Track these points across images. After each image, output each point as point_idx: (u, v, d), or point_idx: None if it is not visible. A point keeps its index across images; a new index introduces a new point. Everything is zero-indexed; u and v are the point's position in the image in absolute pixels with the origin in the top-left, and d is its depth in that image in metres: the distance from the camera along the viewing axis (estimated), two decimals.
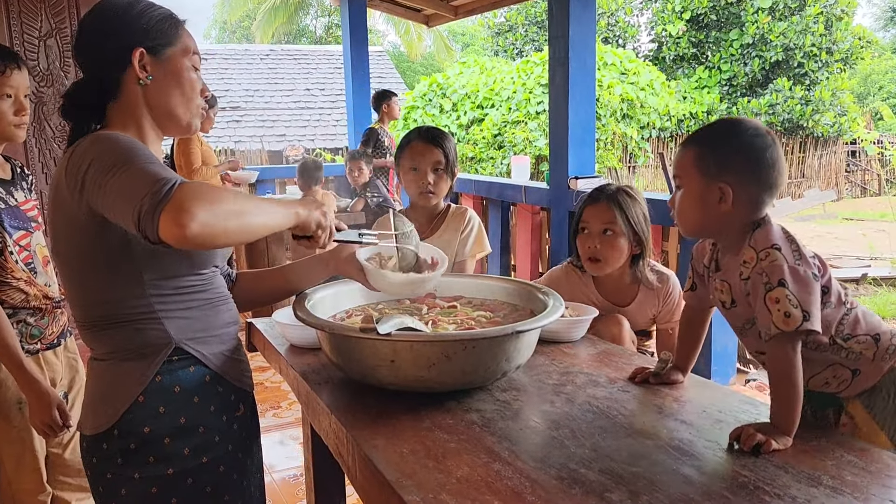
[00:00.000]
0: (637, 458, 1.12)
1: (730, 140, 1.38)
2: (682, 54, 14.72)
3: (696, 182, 1.38)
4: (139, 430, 1.25)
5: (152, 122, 1.33)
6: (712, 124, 1.46)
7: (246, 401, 1.43)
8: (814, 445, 1.16)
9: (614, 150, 12.34)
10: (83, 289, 1.28)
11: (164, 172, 1.10)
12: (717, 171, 1.36)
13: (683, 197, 1.42)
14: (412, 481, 1.06)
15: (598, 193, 2.10)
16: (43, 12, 3.20)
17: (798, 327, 1.24)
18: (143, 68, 1.28)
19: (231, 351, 1.39)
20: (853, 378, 1.45)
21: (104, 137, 1.19)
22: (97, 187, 1.13)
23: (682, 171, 1.42)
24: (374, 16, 19.80)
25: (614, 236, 2.04)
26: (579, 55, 4.27)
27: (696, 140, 1.42)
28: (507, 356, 1.36)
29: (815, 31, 13.69)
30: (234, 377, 1.39)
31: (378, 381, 1.37)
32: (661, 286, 2.11)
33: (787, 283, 1.27)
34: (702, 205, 1.39)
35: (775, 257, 1.30)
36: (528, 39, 15.67)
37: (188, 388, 1.30)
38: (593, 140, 4.52)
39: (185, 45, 1.33)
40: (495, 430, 1.23)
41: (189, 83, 1.33)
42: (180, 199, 1.04)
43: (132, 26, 1.28)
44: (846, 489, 1.01)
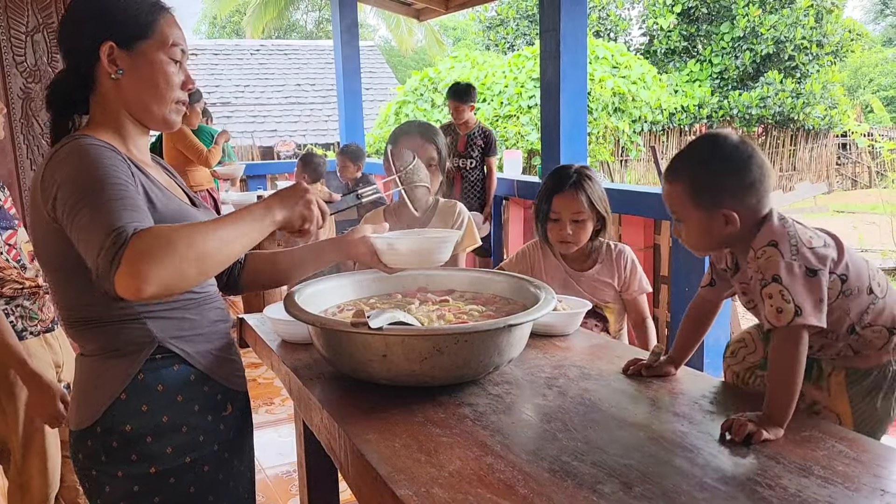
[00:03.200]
0: (629, 451, 1.12)
1: (715, 165, 1.36)
2: (674, 48, 14.73)
3: (697, 215, 1.38)
4: (121, 428, 1.24)
5: (130, 115, 1.30)
6: (690, 151, 1.43)
7: (235, 400, 1.41)
8: (805, 436, 1.16)
9: (606, 143, 12.35)
10: (65, 290, 1.26)
11: (120, 216, 1.05)
12: (713, 200, 1.35)
13: (688, 230, 1.42)
14: (404, 475, 1.05)
15: (563, 181, 2.18)
16: (30, 7, 3.17)
17: (790, 322, 1.24)
18: (114, 62, 1.24)
19: (219, 349, 1.37)
20: (853, 355, 1.47)
21: (76, 153, 1.15)
22: (66, 222, 1.11)
23: (678, 208, 1.41)
24: (364, 10, 19.74)
25: (583, 222, 2.17)
26: (570, 49, 4.26)
27: (682, 173, 1.40)
28: (500, 350, 1.36)
29: (805, 24, 13.72)
30: (222, 376, 1.37)
31: (370, 376, 1.36)
32: (618, 258, 2.24)
33: (780, 278, 1.28)
34: (709, 232, 1.39)
35: (770, 254, 1.31)
36: (519, 33, 15.64)
37: (171, 386, 1.28)
38: (585, 134, 4.52)
39: (162, 37, 1.27)
40: (487, 424, 1.23)
41: (164, 77, 1.27)
42: (130, 262, 1.00)
43: (102, 18, 1.25)
44: (837, 479, 1.02)
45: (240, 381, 1.43)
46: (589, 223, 2.17)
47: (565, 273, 2.25)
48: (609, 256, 2.24)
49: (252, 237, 1.16)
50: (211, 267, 1.09)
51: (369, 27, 27.98)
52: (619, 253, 2.24)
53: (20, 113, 3.20)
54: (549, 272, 2.27)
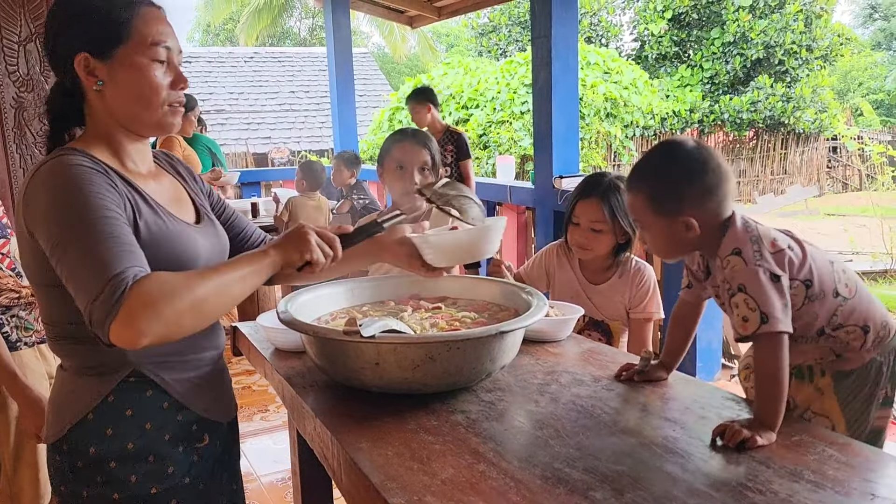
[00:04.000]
0: (621, 457, 1.13)
1: (671, 173, 1.38)
2: (665, 53, 14.80)
3: (658, 223, 1.40)
4: (85, 450, 1.19)
5: (123, 125, 1.22)
6: (648, 160, 1.45)
7: (214, 431, 1.33)
8: (796, 441, 1.17)
9: (599, 148, 12.38)
10: (47, 305, 1.22)
11: (115, 260, 1.01)
12: (673, 207, 1.37)
13: (652, 238, 1.44)
14: (397, 484, 1.06)
15: (591, 188, 2.14)
16: (22, 17, 3.17)
17: (756, 331, 1.26)
18: (92, 74, 1.17)
19: (201, 377, 1.30)
20: (837, 359, 1.49)
21: (59, 173, 1.09)
22: (50, 253, 1.06)
23: (640, 216, 1.43)
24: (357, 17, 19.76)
25: (601, 233, 2.11)
26: (562, 55, 4.29)
27: (640, 183, 1.41)
28: (492, 357, 1.36)
29: (795, 29, 13.81)
30: (200, 406, 1.29)
31: (362, 384, 1.37)
32: (634, 275, 2.18)
33: (745, 287, 1.29)
34: (672, 239, 1.41)
35: (735, 262, 1.32)
36: (511, 40, 15.69)
37: (140, 412, 1.21)
38: (577, 139, 4.54)
39: (140, 38, 1.17)
40: (480, 431, 1.23)
41: (148, 83, 1.18)
42: (128, 314, 0.97)
43: (72, 28, 1.17)
44: (828, 484, 1.02)
45: (220, 412, 1.36)
46: (608, 234, 2.11)
47: (578, 284, 2.22)
48: (627, 272, 2.18)
49: (252, 282, 1.14)
50: (209, 317, 1.08)
51: (363, 34, 28.03)
52: (638, 270, 2.18)
53: (13, 122, 3.20)
54: (562, 280, 2.25)
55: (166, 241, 1.19)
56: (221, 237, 1.37)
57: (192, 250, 1.23)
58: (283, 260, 1.19)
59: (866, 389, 1.49)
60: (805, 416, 1.53)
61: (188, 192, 1.38)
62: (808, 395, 1.55)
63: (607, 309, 2.20)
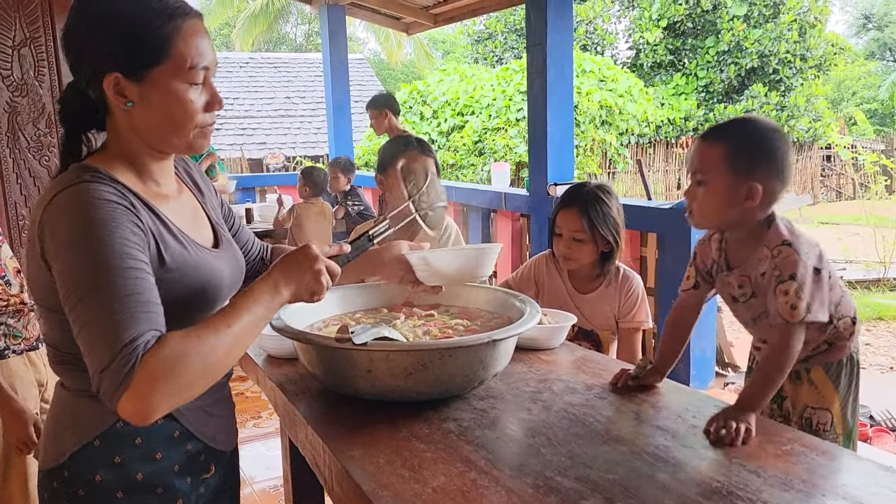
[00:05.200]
0: (613, 465, 1.13)
1: (757, 138, 1.45)
2: (660, 61, 14.86)
3: (725, 179, 1.45)
4: (90, 477, 1.12)
5: (148, 145, 1.13)
6: (733, 122, 1.53)
7: (219, 461, 1.28)
8: (786, 450, 1.17)
9: (594, 156, 12.42)
10: (52, 330, 1.14)
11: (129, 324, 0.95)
12: (748, 169, 1.43)
13: (707, 193, 1.47)
14: (388, 492, 1.06)
15: (571, 199, 2.16)
16: (17, 21, 3.17)
17: (801, 319, 1.36)
18: (121, 94, 1.07)
19: (210, 406, 1.25)
20: (827, 349, 1.62)
21: (80, 207, 1.01)
22: (63, 300, 1.00)
23: (708, 167, 1.47)
24: (354, 24, 19.81)
25: (582, 243, 2.12)
26: (557, 63, 4.30)
27: (723, 137, 1.47)
28: (484, 364, 1.36)
29: (789, 39, 13.89)
30: (209, 436, 1.24)
31: (355, 392, 1.36)
32: (622, 283, 2.19)
33: (797, 276, 1.38)
34: (728, 201, 1.46)
35: (787, 253, 1.41)
36: (507, 47, 15.74)
37: (150, 441, 1.15)
38: (572, 147, 4.55)
39: (179, 59, 1.07)
40: (472, 439, 1.23)
41: (181, 107, 1.08)
42: (139, 388, 0.92)
43: (104, 44, 1.05)
44: (817, 493, 1.03)
45: (226, 441, 1.30)
46: (588, 244, 2.11)
47: (566, 293, 2.22)
48: (615, 281, 2.19)
49: (261, 326, 1.08)
50: (221, 374, 1.03)
51: (359, 40, 28.08)
52: (626, 279, 2.19)
53: (6, 127, 3.19)
54: (550, 289, 2.25)
55: (191, 270, 1.13)
56: (239, 259, 1.32)
57: (215, 278, 1.18)
58: (293, 298, 1.12)
59: (854, 379, 1.63)
60: (805, 414, 1.61)
61: (205, 209, 1.30)
62: (804, 394, 1.66)
63: (596, 318, 2.20)
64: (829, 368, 1.65)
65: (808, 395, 1.67)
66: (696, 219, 1.52)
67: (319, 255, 1.13)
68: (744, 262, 1.53)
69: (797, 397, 1.69)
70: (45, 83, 3.28)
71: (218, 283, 1.19)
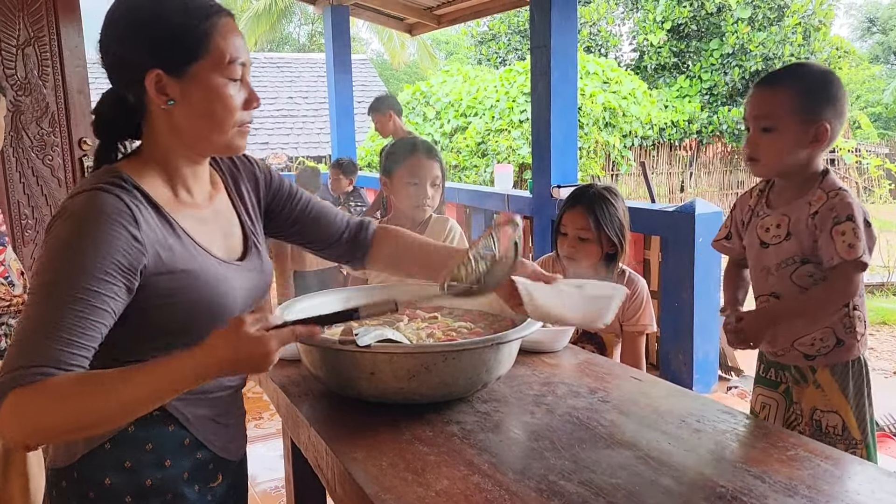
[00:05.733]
0: (616, 470, 1.12)
1: (820, 80, 1.52)
2: (664, 63, 14.84)
3: (794, 123, 1.51)
4: (100, 480, 1.12)
5: (186, 146, 1.13)
6: (791, 68, 1.61)
7: (227, 470, 1.26)
8: (791, 455, 1.17)
9: (597, 158, 12.40)
10: None
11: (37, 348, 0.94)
12: (815, 110, 1.50)
13: (775, 139, 1.53)
14: (391, 495, 1.05)
15: (577, 198, 2.16)
16: (21, 21, 3.17)
17: (859, 257, 1.44)
18: (162, 92, 1.07)
19: (221, 415, 1.24)
20: (834, 347, 1.65)
21: (78, 216, 1.01)
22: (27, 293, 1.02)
23: (777, 112, 1.52)
24: (357, 24, 19.81)
25: (588, 242, 2.12)
26: (561, 65, 4.30)
27: (787, 81, 1.52)
28: (488, 367, 1.36)
29: (793, 42, 13.86)
30: (219, 445, 1.23)
31: (358, 394, 1.36)
32: (627, 286, 2.15)
33: (854, 217, 1.47)
34: (795, 145, 1.53)
35: (844, 195, 1.50)
36: (511, 48, 15.73)
37: (161, 448, 1.15)
38: (575, 149, 4.55)
39: (218, 55, 1.08)
40: (475, 442, 1.23)
41: (222, 102, 1.09)
42: (3, 413, 0.92)
43: (145, 42, 1.06)
44: (822, 499, 1.02)
45: (234, 450, 1.29)
46: (593, 243, 2.11)
47: None
48: (620, 284, 2.20)
49: (164, 401, 1.01)
50: (103, 430, 1.03)
51: (362, 41, 28.11)
52: (630, 282, 2.19)
53: (10, 126, 3.20)
54: None
55: (196, 282, 1.11)
56: (265, 273, 1.28)
57: (225, 292, 1.15)
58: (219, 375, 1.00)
59: (864, 381, 1.67)
60: (815, 417, 1.63)
61: (240, 217, 1.27)
62: (811, 396, 1.70)
63: None
64: (835, 370, 1.66)
65: (815, 398, 1.69)
66: (764, 165, 1.59)
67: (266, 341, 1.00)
68: (787, 204, 1.60)
69: (803, 398, 1.73)
70: (49, 82, 3.29)
71: (229, 298, 1.16)
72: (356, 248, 1.46)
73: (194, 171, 1.18)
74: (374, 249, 1.46)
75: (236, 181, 1.30)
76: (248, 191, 1.32)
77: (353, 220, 1.47)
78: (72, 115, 3.38)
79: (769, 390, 1.85)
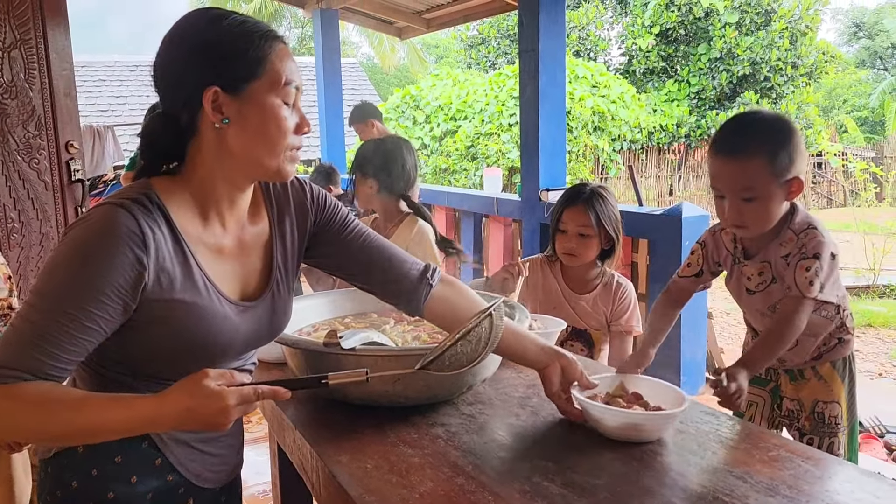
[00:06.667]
0: (599, 471, 1.13)
1: (783, 134, 1.54)
2: (652, 68, 14.92)
3: (772, 185, 1.54)
4: (68, 482, 1.11)
5: (233, 170, 1.11)
6: (749, 128, 1.58)
7: (201, 497, 1.21)
8: (773, 455, 1.18)
9: (586, 161, 12.45)
10: None
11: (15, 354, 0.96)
12: (789, 167, 1.53)
13: (759, 206, 1.55)
14: (375, 497, 1.05)
15: (576, 196, 2.20)
16: (7, 24, 3.16)
17: (813, 296, 1.51)
18: (218, 110, 1.06)
19: (201, 442, 1.19)
20: (836, 346, 1.75)
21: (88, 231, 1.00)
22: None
23: (756, 183, 1.54)
24: (347, 28, 19.82)
25: (588, 238, 2.16)
26: (549, 69, 4.32)
27: (755, 148, 1.53)
28: (473, 370, 1.36)
29: (780, 46, 13.97)
30: (193, 472, 1.18)
31: (343, 397, 1.36)
32: (616, 289, 2.24)
33: (821, 256, 1.52)
34: (778, 204, 1.56)
35: (814, 234, 1.55)
36: (500, 52, 15.77)
37: (129, 463, 1.12)
38: (564, 152, 4.57)
39: (273, 76, 1.08)
40: (460, 444, 1.23)
41: (276, 124, 1.08)
42: None
43: (205, 57, 1.05)
44: (802, 498, 1.03)
45: (213, 479, 1.23)
46: (594, 240, 2.16)
47: (561, 294, 2.25)
48: (609, 286, 2.23)
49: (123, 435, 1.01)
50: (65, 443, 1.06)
51: (352, 44, 28.11)
52: (619, 285, 2.23)
53: None
54: (546, 291, 2.28)
55: (194, 316, 1.08)
56: (280, 314, 1.24)
57: (220, 331, 1.11)
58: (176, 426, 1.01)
59: (853, 375, 1.77)
60: (817, 409, 1.76)
61: (273, 252, 1.23)
62: (813, 389, 1.78)
63: (590, 318, 2.23)
64: (836, 364, 1.77)
65: (818, 390, 1.78)
66: (753, 230, 1.61)
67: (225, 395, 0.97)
68: (762, 249, 1.63)
69: (802, 394, 1.80)
70: (36, 85, 3.27)
71: (219, 336, 1.12)
72: (412, 299, 1.32)
73: (233, 198, 1.15)
74: (430, 302, 1.32)
75: (282, 213, 1.25)
76: (293, 223, 1.26)
77: (418, 266, 1.33)
78: (58, 118, 3.36)
79: (757, 388, 1.88)
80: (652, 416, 1.24)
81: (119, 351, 1.08)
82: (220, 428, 0.99)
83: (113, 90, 12.64)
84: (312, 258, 1.32)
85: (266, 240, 1.23)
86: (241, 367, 1.23)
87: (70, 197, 3.43)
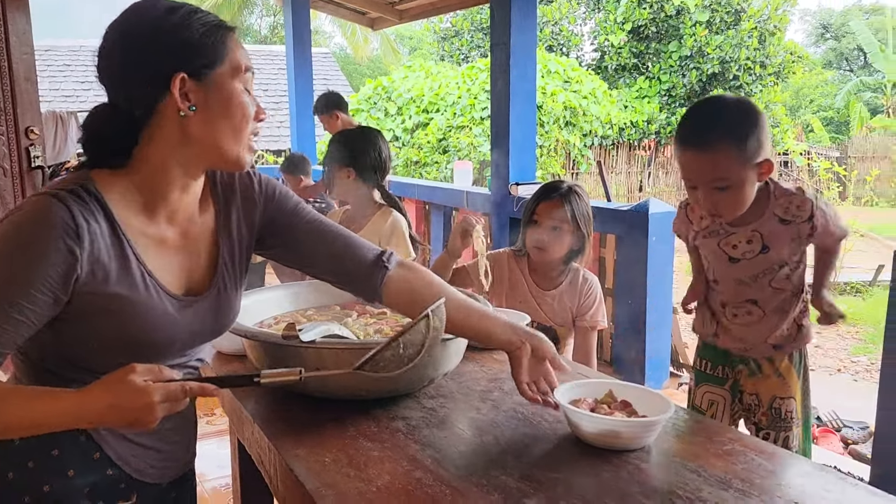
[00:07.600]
0: (558, 464, 1.14)
1: (748, 118, 1.58)
2: (624, 64, 15.03)
3: (743, 171, 1.58)
4: (4, 473, 1.08)
5: (191, 159, 1.08)
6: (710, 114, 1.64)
7: (144, 492, 1.17)
8: (727, 449, 1.20)
9: (557, 156, 12.51)
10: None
11: None
12: (757, 151, 1.56)
13: (733, 193, 1.60)
14: (332, 490, 1.05)
15: (553, 190, 2.19)
16: None
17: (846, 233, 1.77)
18: (185, 97, 1.04)
19: (137, 436, 1.14)
20: (797, 333, 1.81)
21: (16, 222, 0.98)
22: None
23: (728, 173, 1.58)
24: (320, 17, 19.64)
25: (562, 232, 2.15)
26: (520, 63, 4.32)
27: (719, 136, 1.56)
28: (435, 363, 1.36)
29: (749, 46, 14.16)
30: (134, 466, 1.15)
31: (303, 390, 1.35)
32: (583, 284, 2.24)
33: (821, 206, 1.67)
34: (751, 186, 1.61)
35: (796, 198, 1.67)
36: (473, 45, 15.76)
37: (67, 457, 1.09)
38: (534, 146, 4.58)
39: (234, 62, 1.08)
40: (419, 438, 1.23)
41: (241, 108, 1.08)
42: None
43: (169, 45, 1.03)
44: (754, 492, 1.05)
45: (157, 474, 1.19)
46: (567, 235, 2.15)
47: (527, 289, 2.24)
48: (575, 281, 2.24)
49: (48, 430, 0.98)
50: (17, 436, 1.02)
51: (325, 34, 27.86)
52: (586, 280, 2.24)
53: None
54: (513, 285, 2.27)
55: (131, 310, 1.05)
56: (226, 311, 1.21)
57: (160, 326, 1.09)
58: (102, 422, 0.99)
59: (806, 370, 1.84)
60: (774, 405, 1.82)
61: (219, 247, 1.20)
62: (771, 385, 1.82)
63: (555, 315, 2.23)
64: (793, 358, 1.82)
65: (775, 386, 1.83)
66: (730, 215, 1.68)
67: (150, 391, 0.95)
68: (751, 221, 1.70)
69: (760, 389, 1.85)
70: (4, 78, 3.19)
71: (157, 331, 1.09)
72: (367, 284, 1.30)
73: (186, 187, 1.12)
74: (387, 287, 1.29)
75: (228, 206, 1.22)
76: (240, 217, 1.23)
77: (374, 251, 1.31)
78: (18, 103, 3.28)
79: (716, 387, 1.91)
80: (630, 423, 1.19)
81: (56, 343, 1.06)
82: (146, 426, 0.97)
83: (78, 75, 12.37)
84: (265, 249, 1.29)
85: (212, 232, 1.20)
86: (184, 364, 1.18)
87: (30, 183, 3.36)
